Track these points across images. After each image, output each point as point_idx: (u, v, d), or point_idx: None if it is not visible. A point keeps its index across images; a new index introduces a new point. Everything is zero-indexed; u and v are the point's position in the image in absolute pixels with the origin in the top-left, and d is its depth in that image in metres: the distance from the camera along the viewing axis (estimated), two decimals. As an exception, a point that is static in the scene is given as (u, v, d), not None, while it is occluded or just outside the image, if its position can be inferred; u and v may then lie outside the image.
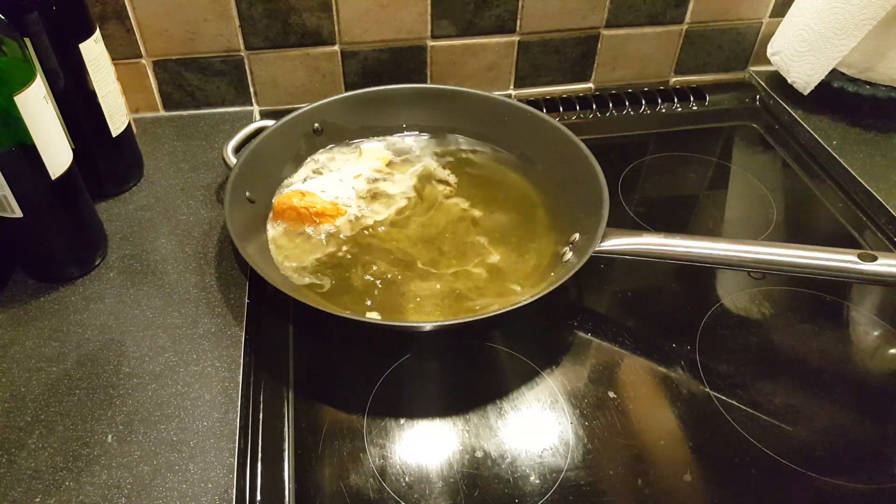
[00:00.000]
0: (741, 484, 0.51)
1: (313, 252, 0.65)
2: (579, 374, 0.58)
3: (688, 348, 0.60)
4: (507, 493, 0.50)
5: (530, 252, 0.66)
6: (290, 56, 0.83)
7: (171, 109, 0.85)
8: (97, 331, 0.58)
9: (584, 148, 0.69)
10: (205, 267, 0.65)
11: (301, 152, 0.76)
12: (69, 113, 0.65)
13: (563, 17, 0.86)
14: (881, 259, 0.53)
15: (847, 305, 0.65)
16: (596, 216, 0.61)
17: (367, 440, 0.53)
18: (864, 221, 0.74)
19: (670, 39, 0.91)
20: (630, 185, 0.79)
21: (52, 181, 0.57)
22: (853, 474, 0.51)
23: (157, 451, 0.50)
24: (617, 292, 0.66)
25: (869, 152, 0.80)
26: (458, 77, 0.89)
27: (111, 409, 0.53)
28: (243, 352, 0.57)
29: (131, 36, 0.78)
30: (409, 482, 0.50)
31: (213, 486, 0.48)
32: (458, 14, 0.83)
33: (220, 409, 0.53)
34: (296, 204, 0.67)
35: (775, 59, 0.89)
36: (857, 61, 0.81)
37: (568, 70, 0.91)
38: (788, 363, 0.60)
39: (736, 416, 0.55)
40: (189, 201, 0.72)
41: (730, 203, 0.78)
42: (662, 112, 0.91)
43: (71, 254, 0.63)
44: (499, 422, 0.54)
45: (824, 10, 0.79)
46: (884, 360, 0.60)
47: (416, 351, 0.59)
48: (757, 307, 0.64)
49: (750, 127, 0.89)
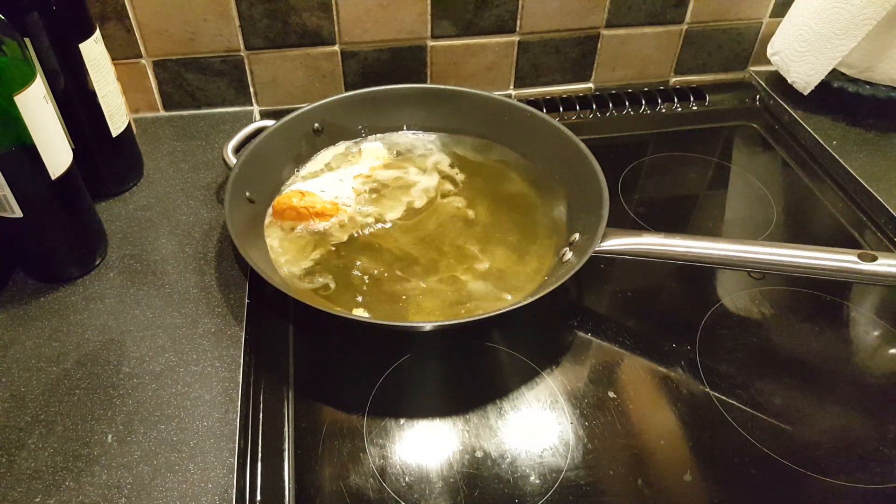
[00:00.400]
0: (741, 484, 0.51)
1: (313, 252, 0.66)
2: (579, 374, 0.58)
3: (688, 348, 0.60)
4: (507, 493, 0.50)
5: (530, 252, 0.66)
6: (290, 56, 0.83)
7: (171, 109, 0.85)
8: (97, 331, 0.58)
9: (584, 148, 0.69)
10: (205, 267, 0.65)
11: (301, 152, 0.76)
12: (69, 113, 0.65)
13: (563, 17, 0.86)
14: (881, 259, 0.53)
15: (847, 305, 0.65)
16: (596, 216, 0.61)
17: (367, 440, 0.53)
18: (864, 221, 0.74)
19: (670, 39, 0.91)
20: (630, 185, 0.79)
21: (52, 181, 0.57)
22: (853, 474, 0.51)
23: (158, 451, 0.50)
24: (617, 292, 0.66)
25: (869, 152, 0.80)
26: (458, 77, 0.89)
27: (111, 409, 0.53)
28: (243, 352, 0.57)
29: (131, 36, 0.78)
30: (409, 482, 0.50)
31: (213, 486, 0.48)
32: (458, 14, 0.83)
33: (220, 409, 0.53)
34: (296, 204, 0.67)
35: (775, 59, 0.89)
36: (857, 61, 0.81)
37: (568, 70, 0.92)
38: (788, 363, 0.60)
39: (736, 416, 0.55)
40: (189, 201, 0.72)
41: (730, 203, 0.78)
42: (662, 112, 0.91)
43: (71, 254, 0.63)
44: (499, 422, 0.54)
45: (824, 10, 0.79)
46: (884, 360, 0.60)
47: (416, 351, 0.59)
48: (757, 307, 0.64)
49: (750, 127, 0.89)
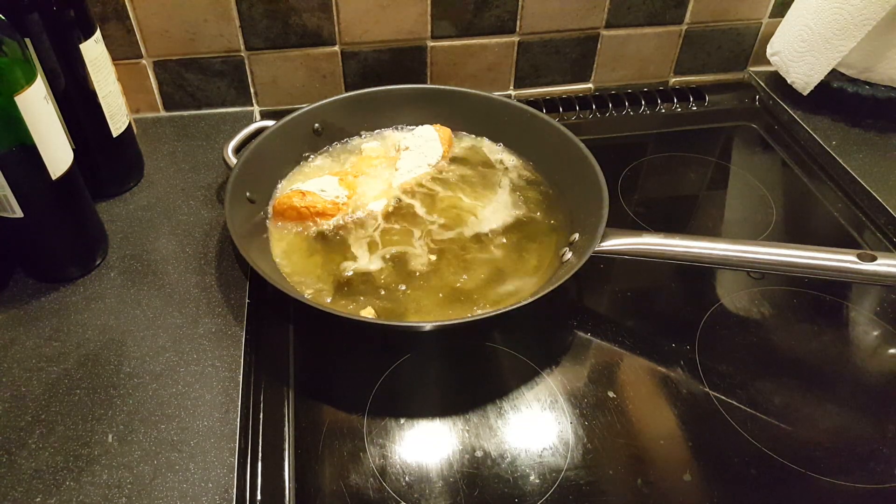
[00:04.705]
0: (741, 484, 0.51)
1: (313, 252, 0.66)
2: (579, 374, 0.58)
3: (687, 348, 0.60)
4: (507, 492, 0.50)
5: (530, 252, 0.66)
6: (290, 56, 0.83)
7: (171, 110, 0.85)
8: (98, 331, 0.58)
9: (583, 148, 0.69)
10: (205, 267, 0.65)
11: (301, 153, 0.76)
12: (70, 113, 0.65)
13: (562, 18, 0.86)
14: (880, 259, 0.53)
15: (847, 305, 0.65)
16: (596, 216, 0.61)
17: (368, 440, 0.53)
18: (864, 221, 0.74)
19: (670, 40, 0.91)
20: (630, 185, 0.79)
21: (53, 181, 0.57)
22: (853, 474, 0.51)
23: (158, 450, 0.50)
24: (617, 292, 0.66)
25: (868, 152, 0.80)
26: (458, 77, 0.89)
27: (112, 408, 0.53)
28: (243, 352, 0.57)
29: (132, 36, 0.78)
30: (409, 482, 0.50)
31: (214, 486, 0.48)
32: (458, 14, 0.83)
33: (221, 408, 0.53)
34: (296, 204, 0.67)
35: (775, 59, 0.89)
36: (856, 61, 0.82)
37: (568, 70, 0.92)
38: (788, 363, 0.60)
39: (736, 416, 0.55)
40: (189, 201, 0.72)
41: (729, 203, 0.78)
42: (662, 112, 0.91)
43: (71, 254, 0.63)
44: (499, 422, 0.54)
45: (824, 11, 0.79)
46: (884, 360, 0.60)
47: (416, 351, 0.59)
48: (756, 307, 0.64)
49: (749, 127, 0.89)
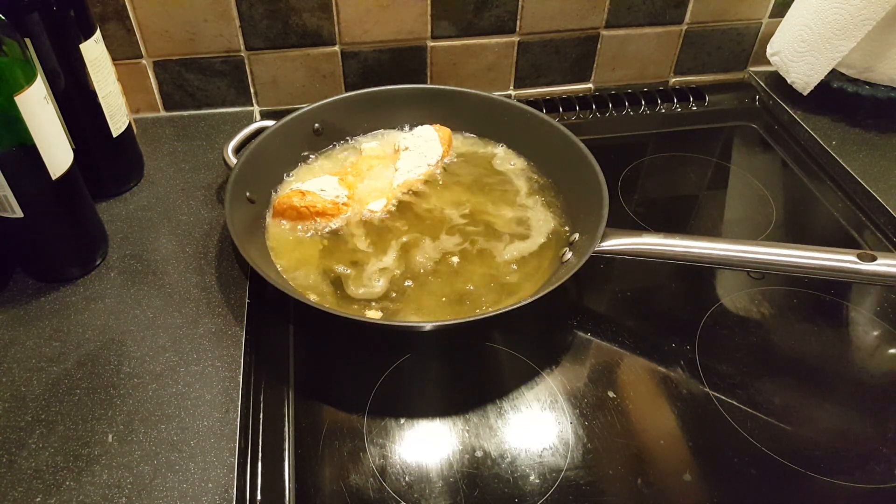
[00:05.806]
0: (741, 484, 0.51)
1: (313, 251, 0.66)
2: (579, 374, 0.58)
3: (687, 348, 0.60)
4: (507, 492, 0.50)
5: (530, 252, 0.66)
6: (290, 56, 0.83)
7: (171, 110, 0.85)
8: (98, 331, 0.58)
9: (583, 148, 0.69)
10: (205, 267, 0.65)
11: (301, 152, 0.76)
12: (70, 113, 0.65)
13: (562, 18, 0.86)
14: (880, 259, 0.53)
15: (847, 305, 0.65)
16: (596, 216, 0.61)
17: (368, 440, 0.53)
18: (864, 221, 0.74)
19: (670, 40, 0.91)
20: (630, 185, 0.79)
21: (53, 181, 0.57)
22: (853, 474, 0.51)
23: (158, 450, 0.50)
24: (617, 292, 0.66)
25: (868, 152, 0.81)
26: (458, 77, 0.89)
27: (112, 408, 0.53)
28: (243, 352, 0.57)
29: (132, 36, 0.78)
30: (409, 482, 0.50)
31: (214, 486, 0.48)
32: (458, 14, 0.83)
33: (221, 408, 0.53)
34: (296, 203, 0.67)
35: (775, 59, 0.89)
36: (856, 61, 0.82)
37: (568, 70, 0.92)
38: (788, 363, 0.60)
39: (736, 416, 0.55)
40: (189, 201, 0.72)
41: (729, 203, 0.78)
42: (662, 112, 0.91)
43: (71, 254, 0.63)
44: (499, 422, 0.54)
45: (824, 11, 0.79)
46: (884, 360, 0.60)
47: (416, 351, 0.59)
48: (756, 307, 0.64)
49: (749, 127, 0.89)
